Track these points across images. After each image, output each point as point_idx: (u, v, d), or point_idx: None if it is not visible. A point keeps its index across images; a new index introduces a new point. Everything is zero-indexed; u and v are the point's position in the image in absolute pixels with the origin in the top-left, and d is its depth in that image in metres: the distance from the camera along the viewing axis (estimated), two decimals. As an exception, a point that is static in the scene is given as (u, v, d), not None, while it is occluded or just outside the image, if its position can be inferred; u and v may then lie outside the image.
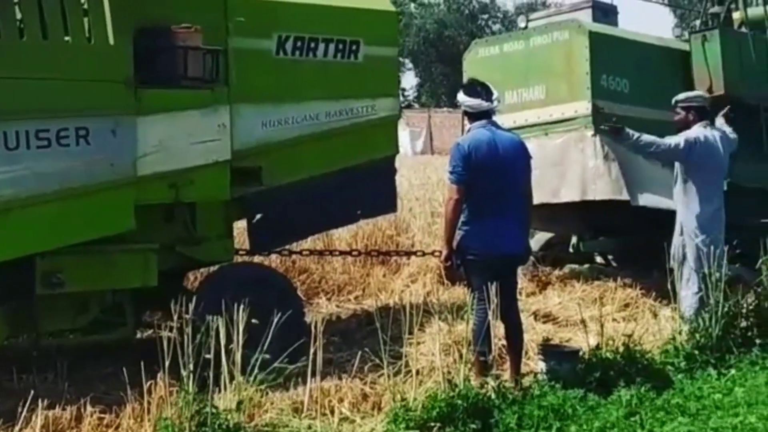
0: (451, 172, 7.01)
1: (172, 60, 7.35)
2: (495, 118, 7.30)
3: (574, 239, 11.60)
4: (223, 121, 7.67)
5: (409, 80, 63.85)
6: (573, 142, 9.95)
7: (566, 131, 10.04)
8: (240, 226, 8.94)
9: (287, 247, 9.64)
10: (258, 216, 8.30)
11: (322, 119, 8.34)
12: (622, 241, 11.39)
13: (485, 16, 65.15)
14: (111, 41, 7.03)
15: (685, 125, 8.88)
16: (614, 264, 11.95)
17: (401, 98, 58.48)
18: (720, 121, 9.34)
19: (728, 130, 9.21)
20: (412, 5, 61.46)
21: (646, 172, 9.80)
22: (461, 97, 7.24)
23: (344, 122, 8.48)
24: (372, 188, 8.83)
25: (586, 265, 11.45)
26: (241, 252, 8.95)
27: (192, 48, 7.38)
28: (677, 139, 8.72)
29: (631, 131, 8.83)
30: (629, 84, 10.12)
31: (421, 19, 60.49)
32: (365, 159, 8.68)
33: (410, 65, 62.50)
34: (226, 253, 8.17)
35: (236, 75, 7.78)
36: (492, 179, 6.92)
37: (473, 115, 7.18)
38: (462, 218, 6.98)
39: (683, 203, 8.74)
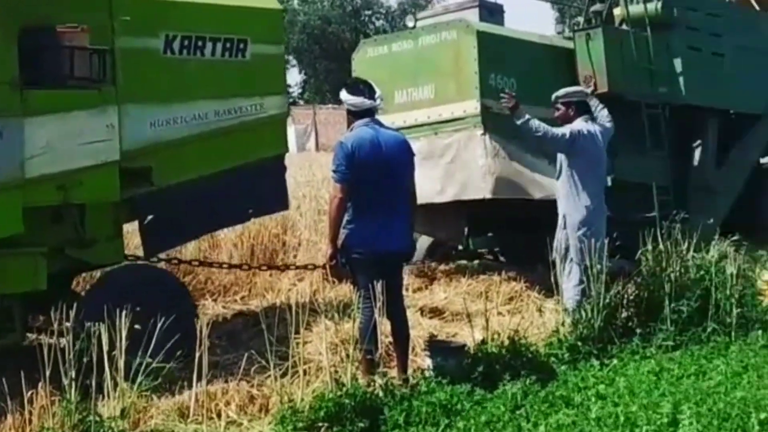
0: (334, 171, 6.99)
1: (58, 60, 7.27)
2: (381, 116, 7.33)
3: (463, 236, 11.69)
4: (111, 121, 7.60)
5: (293, 77, 63.62)
6: (463, 141, 10.02)
7: (456, 130, 10.12)
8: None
9: (174, 255, 9.55)
10: (149, 217, 8.20)
11: (211, 118, 8.30)
12: (509, 237, 11.53)
13: (369, 12, 65.25)
14: None
15: (566, 120, 9.02)
16: (502, 259, 12.09)
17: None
18: (594, 101, 9.49)
19: (605, 113, 9.37)
20: (296, 1, 61.19)
21: (534, 168, 9.95)
22: (344, 95, 7.23)
23: (233, 121, 8.44)
24: (263, 187, 8.83)
25: (475, 261, 11.54)
26: (130, 257, 8.82)
27: (78, 48, 7.30)
28: (563, 130, 8.87)
29: (524, 111, 8.91)
30: (516, 83, 10.21)
31: (305, 15, 60.29)
32: (255, 158, 8.65)
33: (294, 62, 62.26)
34: (116, 254, 8.09)
35: (123, 75, 7.72)
36: (376, 177, 6.93)
37: (356, 114, 7.17)
38: (346, 217, 6.97)
39: (565, 196, 8.89)
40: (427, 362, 7.30)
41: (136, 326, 6.07)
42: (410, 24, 11.29)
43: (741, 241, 9.31)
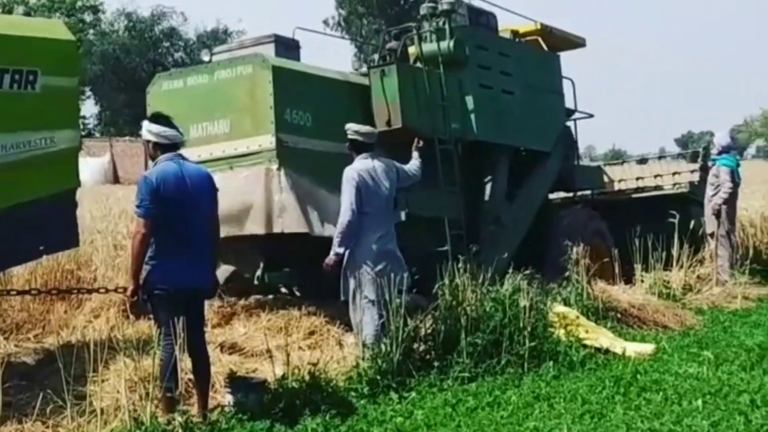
0: (138, 206, 6.90)
1: None
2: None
3: (259, 271, 11.65)
4: None
5: (89, 108, 62.20)
6: (258, 175, 10.03)
7: (251, 165, 10.05)
8: None
9: None
10: None
11: None
12: (305, 273, 11.56)
13: (167, 44, 64.61)
14: None
15: (350, 157, 9.11)
16: (298, 294, 12.11)
17: (81, 127, 56.84)
18: (414, 155, 9.63)
19: (417, 162, 9.52)
20: (91, 31, 59.98)
21: (328, 204, 10.03)
22: (155, 127, 7.18)
23: (21, 155, 8.08)
24: (52, 223, 8.47)
25: (270, 296, 11.52)
26: None
27: None
28: (344, 202, 8.80)
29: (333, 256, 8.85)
30: (312, 118, 10.25)
31: (103, 45, 59.17)
32: (44, 193, 8.30)
33: (90, 93, 60.95)
34: None
35: None
36: (180, 213, 6.89)
37: (164, 147, 7.14)
38: (149, 252, 6.88)
39: (353, 234, 8.93)
40: (228, 399, 7.27)
41: None
42: (206, 58, 11.16)
43: (533, 274, 9.64)
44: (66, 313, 10.95)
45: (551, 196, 15.07)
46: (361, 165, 8.91)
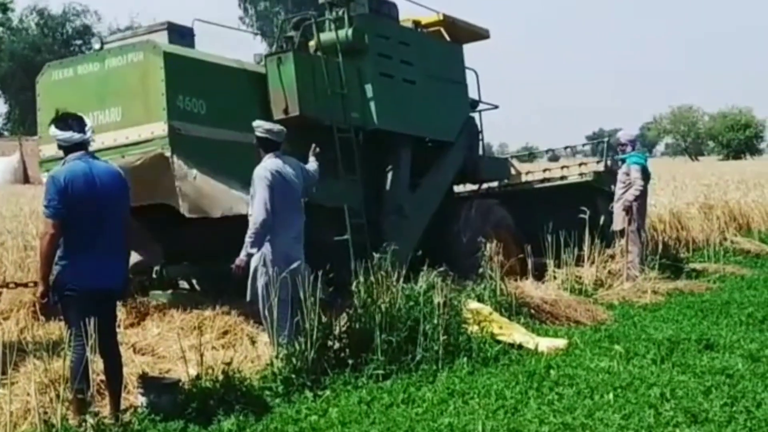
0: (46, 206, 6.80)
1: None
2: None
3: (156, 266, 11.52)
4: None
5: (-2, 107, 61.07)
6: (151, 162, 9.84)
7: (143, 152, 9.89)
8: None
9: None
10: None
11: None
12: (206, 266, 11.47)
13: (79, 42, 63.66)
14: None
15: (258, 154, 9.05)
16: (198, 288, 12.02)
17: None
18: (311, 159, 9.58)
19: (315, 165, 9.47)
20: (0, 29, 58.87)
21: (222, 191, 9.95)
22: (52, 131, 7.06)
23: None
24: None
25: (169, 291, 11.38)
26: None
27: None
28: (260, 196, 8.67)
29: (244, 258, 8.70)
30: (206, 105, 10.14)
31: (13, 42, 58.09)
32: None
33: (-1, 92, 59.84)
34: None
35: None
36: (89, 212, 6.80)
37: (68, 148, 7.02)
38: (59, 253, 6.78)
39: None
40: (141, 400, 7.20)
41: None
42: (96, 46, 10.97)
43: (447, 271, 9.70)
44: (-25, 315, 10.75)
45: (459, 189, 15.20)
46: (272, 164, 8.85)
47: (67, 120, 7.11)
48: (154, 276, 11.42)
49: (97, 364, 6.93)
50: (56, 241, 6.77)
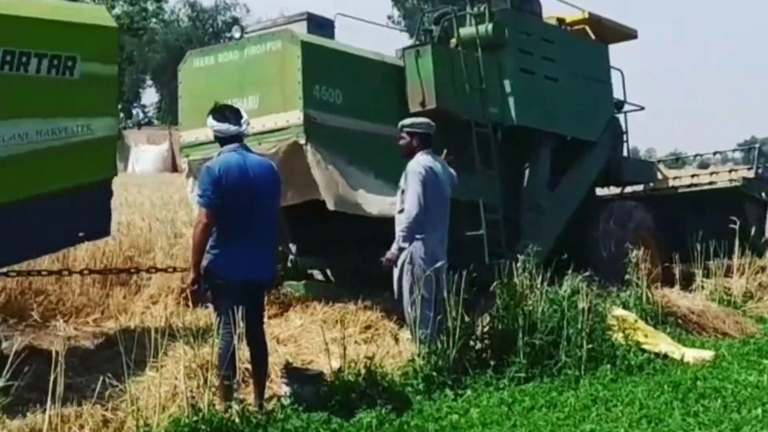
0: (200, 196, 6.95)
1: None
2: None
3: (291, 255, 11.65)
4: None
5: (150, 97, 62.75)
6: (286, 151, 9.98)
7: (279, 140, 10.03)
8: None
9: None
10: None
11: (33, 138, 7.90)
12: (339, 257, 11.55)
13: (228, 35, 64.93)
14: None
15: (410, 151, 8.99)
16: (332, 280, 12.11)
17: (142, 116, 57.37)
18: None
19: (452, 170, 9.32)
20: (153, 20, 60.46)
21: (358, 181, 10.02)
22: (210, 122, 7.19)
23: (57, 142, 8.05)
24: (86, 212, 8.46)
25: (303, 282, 11.47)
26: None
27: None
28: (414, 191, 8.66)
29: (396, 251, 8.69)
30: (342, 95, 10.22)
31: (165, 34, 59.62)
32: (79, 181, 8.28)
33: (151, 81, 61.46)
34: None
35: None
36: (242, 203, 6.91)
37: (223, 140, 7.15)
38: (210, 242, 6.92)
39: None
40: (284, 389, 7.29)
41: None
42: (237, 35, 11.15)
43: (592, 276, 9.56)
44: (125, 298, 11.16)
45: (602, 191, 14.98)
46: (426, 160, 8.83)
47: (224, 111, 7.24)
48: (288, 265, 11.56)
49: (243, 353, 7.05)
50: (209, 230, 6.90)
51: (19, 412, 6.47)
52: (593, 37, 14.27)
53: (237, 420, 6.43)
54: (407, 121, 9.17)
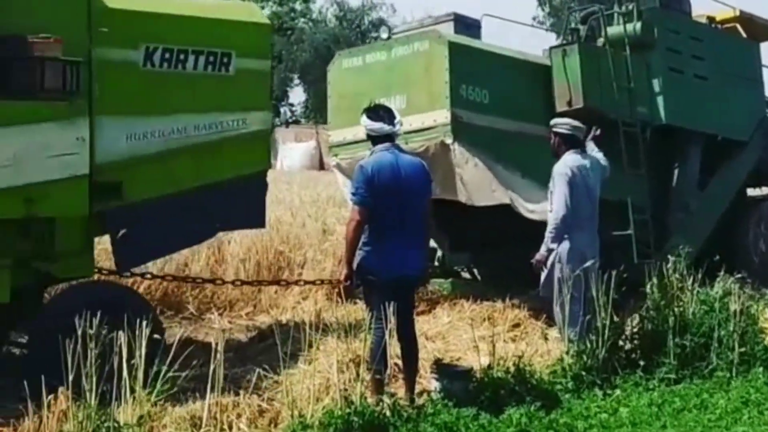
0: (353, 194, 7.11)
1: (27, 71, 7.10)
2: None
3: (439, 252, 11.71)
4: (81, 134, 7.40)
5: (298, 95, 63.66)
6: (433, 149, 10.10)
7: (426, 139, 10.16)
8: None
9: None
10: (121, 232, 7.93)
11: (191, 132, 8.12)
12: (487, 255, 11.59)
13: (375, 35, 65.28)
14: None
15: (557, 151, 8.99)
16: (479, 278, 12.15)
17: (289, 114, 58.20)
18: (590, 145, 9.38)
19: (600, 155, 9.29)
20: (302, 20, 61.32)
21: (505, 179, 10.05)
22: (364, 120, 7.34)
23: (213, 136, 8.27)
24: (242, 204, 8.68)
25: (449, 280, 11.56)
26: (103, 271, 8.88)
27: (49, 59, 7.11)
28: (561, 192, 8.68)
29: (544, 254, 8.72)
30: (489, 95, 10.30)
31: (313, 34, 60.39)
32: (235, 174, 8.48)
33: (298, 80, 62.29)
34: (85, 268, 7.95)
35: (99, 87, 7.54)
36: (394, 202, 7.05)
37: (376, 138, 7.31)
38: (363, 239, 7.07)
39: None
40: (434, 385, 7.40)
41: (156, 336, 6.13)
42: (384, 36, 11.33)
43: (745, 278, 9.39)
44: (276, 293, 11.43)
45: (754, 192, 14.66)
46: (573, 160, 8.81)
47: (378, 111, 7.39)
48: (436, 263, 11.67)
49: (394, 348, 7.19)
50: (361, 227, 7.06)
51: (180, 400, 6.71)
52: (744, 35, 13.99)
53: (388, 413, 6.54)
54: (552, 120, 9.19)
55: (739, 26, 13.93)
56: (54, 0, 7.51)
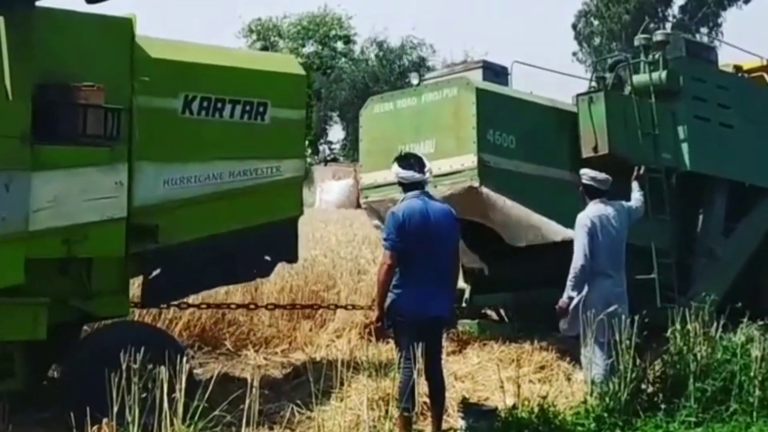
0: (385, 239, 7.43)
1: (71, 117, 7.40)
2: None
3: (466, 293, 11.90)
4: (120, 178, 7.70)
5: (336, 133, 63.97)
6: (461, 193, 10.30)
7: (453, 183, 10.37)
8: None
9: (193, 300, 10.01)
10: (155, 272, 8.29)
11: (226, 179, 8.40)
12: (516, 296, 11.79)
13: (407, 80, 65.38)
14: (9, 97, 7.13)
15: (583, 200, 9.27)
16: (506, 319, 12.33)
17: (328, 151, 58.55)
18: (634, 185, 9.74)
19: (639, 195, 9.61)
20: (343, 59, 61.76)
21: (529, 218, 10.29)
22: (395, 168, 7.67)
23: (248, 182, 8.53)
24: (273, 248, 8.98)
25: (477, 320, 11.71)
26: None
27: (92, 106, 7.42)
28: (580, 242, 8.92)
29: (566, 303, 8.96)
30: (516, 140, 10.52)
31: (353, 73, 60.72)
32: (268, 219, 8.75)
33: (337, 118, 62.64)
34: (120, 307, 8.20)
35: (139, 133, 7.81)
36: (423, 246, 7.33)
37: (407, 186, 7.62)
38: (394, 282, 7.37)
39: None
40: (460, 423, 7.63)
41: (196, 371, 6.36)
42: (414, 82, 11.59)
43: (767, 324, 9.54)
44: (311, 330, 11.65)
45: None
46: (594, 211, 9.06)
47: (409, 159, 7.72)
48: (463, 304, 11.85)
49: (422, 387, 7.42)
50: (392, 271, 7.37)
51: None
52: None
53: (415, 450, 6.79)
54: (581, 170, 9.45)
55: (765, 75, 14.07)
56: (99, 49, 7.86)
